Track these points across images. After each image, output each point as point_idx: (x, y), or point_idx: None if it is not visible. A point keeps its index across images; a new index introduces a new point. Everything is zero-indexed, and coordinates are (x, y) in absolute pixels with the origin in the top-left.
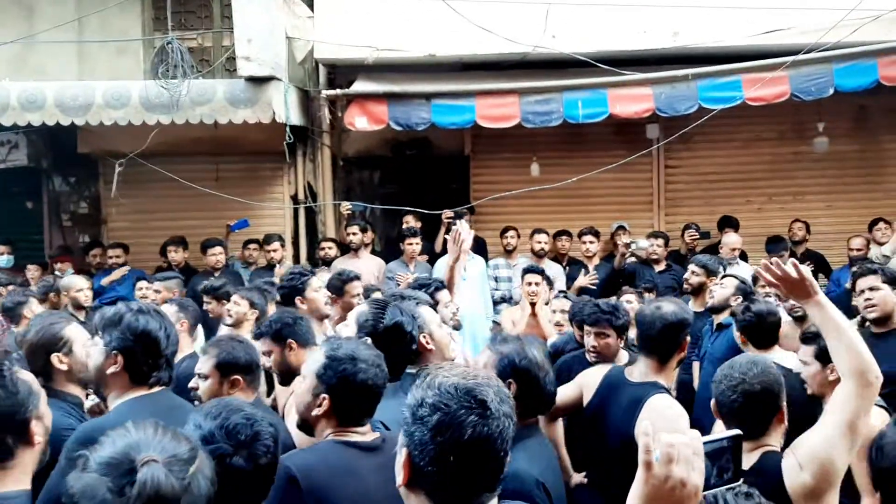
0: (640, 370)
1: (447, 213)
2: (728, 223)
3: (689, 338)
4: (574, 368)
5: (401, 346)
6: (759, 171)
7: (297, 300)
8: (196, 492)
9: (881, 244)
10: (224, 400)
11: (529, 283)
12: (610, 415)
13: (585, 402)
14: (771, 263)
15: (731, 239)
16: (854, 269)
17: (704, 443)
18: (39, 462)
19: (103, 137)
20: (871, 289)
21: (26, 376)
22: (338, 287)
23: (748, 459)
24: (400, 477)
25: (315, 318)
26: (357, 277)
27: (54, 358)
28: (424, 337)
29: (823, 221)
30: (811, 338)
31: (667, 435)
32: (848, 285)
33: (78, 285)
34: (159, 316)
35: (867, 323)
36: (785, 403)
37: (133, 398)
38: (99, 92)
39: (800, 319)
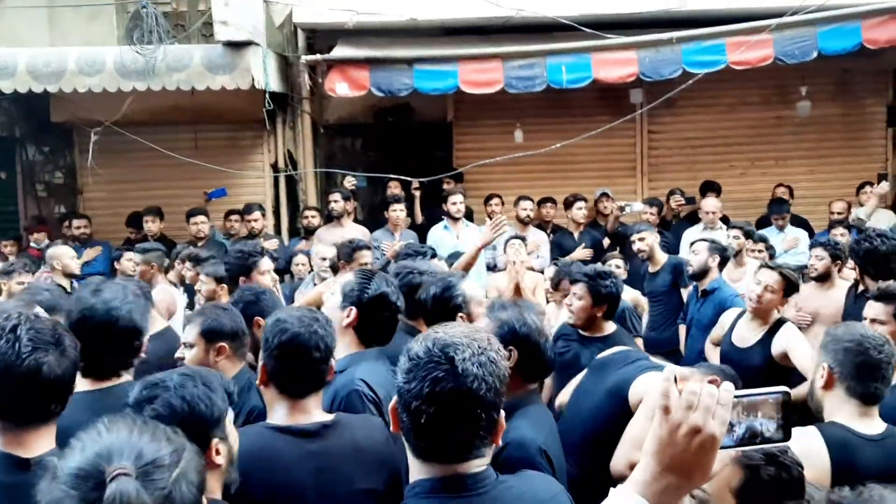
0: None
1: (415, 184)
2: (710, 188)
3: None
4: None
5: (385, 316)
6: (742, 135)
7: (241, 280)
8: (178, 501)
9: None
10: (151, 378)
11: (512, 246)
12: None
13: None
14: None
15: (709, 203)
16: (842, 238)
17: (743, 395)
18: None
19: (77, 105)
20: (873, 320)
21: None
22: (348, 254)
23: (874, 426)
24: (392, 424)
25: None
26: (367, 247)
27: None
28: (461, 316)
29: (805, 186)
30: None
31: (696, 384)
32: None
33: (68, 253)
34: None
35: None
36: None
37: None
38: (72, 58)
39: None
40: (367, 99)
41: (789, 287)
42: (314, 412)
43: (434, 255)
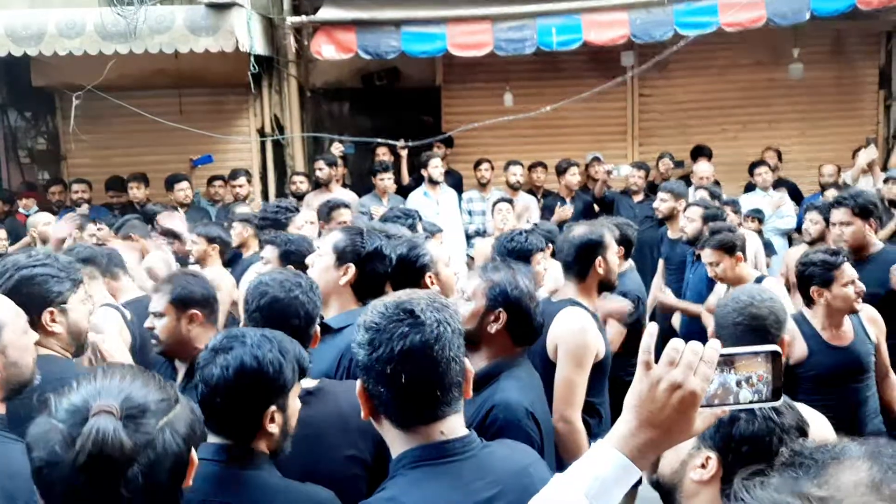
0: (561, 292)
1: (400, 145)
2: (701, 152)
3: (602, 258)
4: None
5: (381, 270)
6: (733, 98)
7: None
8: (160, 448)
9: (865, 171)
10: (236, 330)
11: (500, 211)
12: None
13: None
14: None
15: (701, 168)
16: (827, 196)
17: (730, 353)
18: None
19: (59, 69)
20: (842, 223)
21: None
22: (325, 213)
23: None
24: (363, 411)
25: None
26: (346, 205)
27: None
28: (429, 276)
29: (796, 149)
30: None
31: (679, 340)
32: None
33: (44, 219)
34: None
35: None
36: (787, 336)
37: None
38: (52, 20)
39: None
40: (354, 62)
41: (730, 249)
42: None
43: (414, 224)
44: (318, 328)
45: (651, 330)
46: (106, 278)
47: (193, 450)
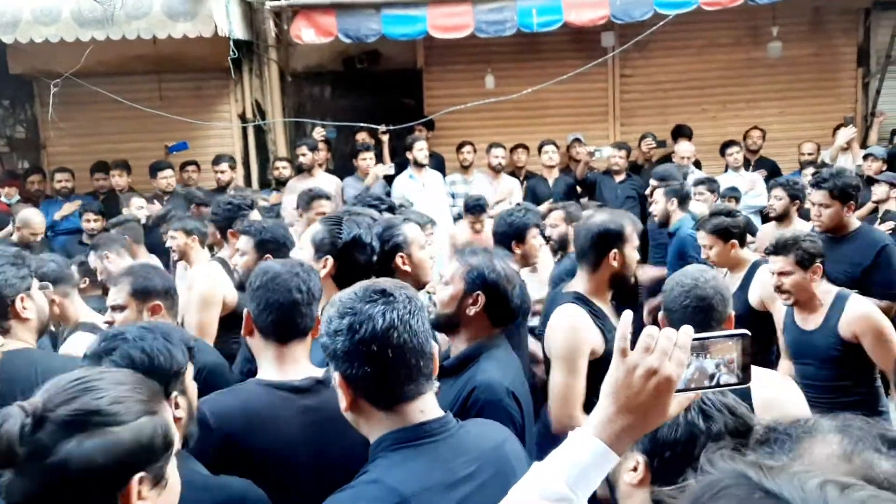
0: (573, 283)
1: (381, 129)
2: (681, 132)
3: (619, 251)
4: None
5: (363, 259)
6: (713, 78)
7: (229, 233)
8: (55, 459)
9: (845, 149)
10: (111, 330)
11: (472, 224)
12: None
13: None
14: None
15: (682, 147)
16: (805, 173)
17: (703, 338)
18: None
19: (36, 56)
20: (821, 205)
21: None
22: (305, 202)
23: None
24: (342, 403)
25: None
26: (327, 197)
27: None
28: (402, 257)
29: (776, 127)
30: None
31: (653, 327)
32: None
33: (35, 227)
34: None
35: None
36: (733, 312)
37: None
38: (27, 7)
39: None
40: (334, 45)
41: (725, 235)
42: (302, 362)
43: (392, 209)
44: (320, 313)
45: (626, 318)
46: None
47: (134, 479)
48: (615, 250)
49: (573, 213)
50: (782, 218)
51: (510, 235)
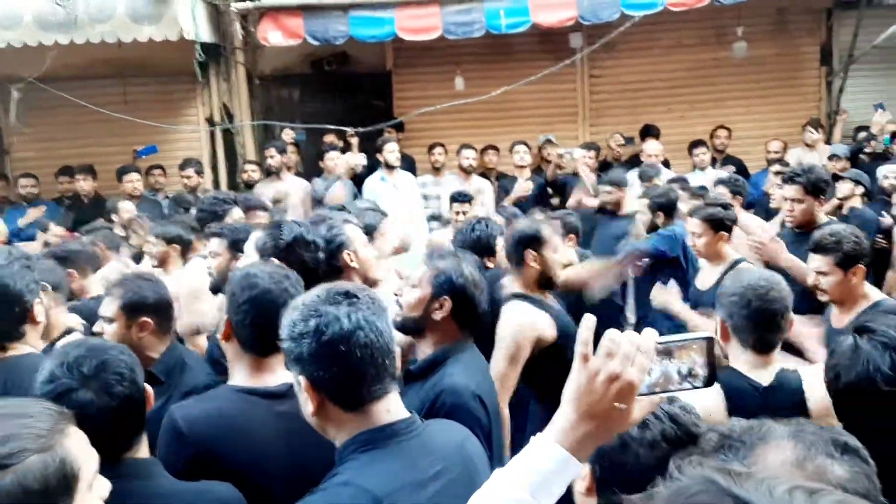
0: (508, 285)
1: (350, 132)
2: (648, 132)
3: (536, 253)
4: None
5: (309, 257)
6: (680, 78)
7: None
8: None
9: (809, 145)
10: (74, 339)
11: (457, 213)
12: None
13: None
14: None
15: (650, 147)
16: (780, 174)
17: (667, 342)
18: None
19: None
20: (794, 200)
21: None
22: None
23: (765, 376)
24: (308, 408)
25: None
26: (264, 208)
27: None
28: (349, 254)
29: (743, 126)
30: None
31: (615, 331)
32: (766, 188)
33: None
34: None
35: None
36: (793, 318)
37: None
38: None
39: None
40: (302, 48)
41: (717, 225)
42: (278, 371)
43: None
44: None
45: (587, 323)
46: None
47: None
48: (533, 252)
49: (660, 201)
50: None
51: (480, 251)
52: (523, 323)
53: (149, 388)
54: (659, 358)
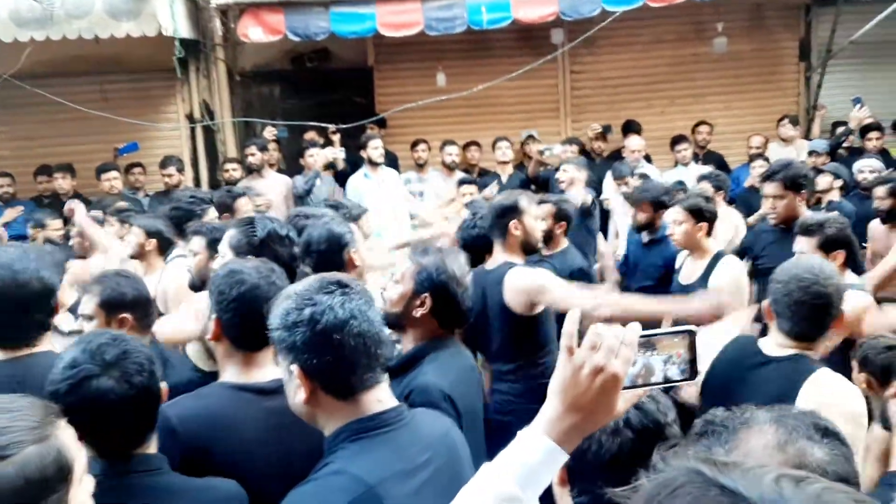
0: (493, 259)
1: (332, 129)
2: (630, 128)
3: (518, 221)
4: None
5: (285, 252)
6: (660, 73)
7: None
8: None
9: (785, 140)
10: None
11: (464, 195)
12: None
13: None
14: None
15: (633, 142)
16: (760, 170)
17: (650, 335)
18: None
19: None
20: (775, 196)
21: None
22: (227, 204)
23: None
24: (300, 396)
25: None
26: (243, 194)
27: None
28: (356, 252)
29: (723, 122)
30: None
31: (600, 324)
32: (747, 184)
33: None
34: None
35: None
36: (844, 311)
37: None
38: None
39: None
40: (283, 44)
41: (697, 215)
42: (268, 367)
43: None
44: None
45: (573, 316)
46: None
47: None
48: (514, 220)
49: (563, 209)
50: None
51: (480, 248)
52: (532, 272)
53: (164, 384)
54: (642, 351)
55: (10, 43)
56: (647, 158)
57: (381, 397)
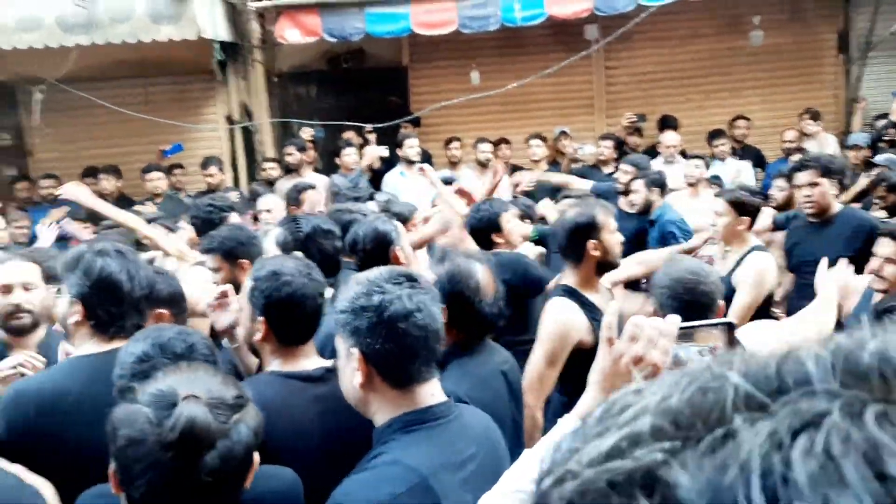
0: (562, 277)
1: (368, 128)
2: (667, 123)
3: (597, 240)
4: None
5: (330, 246)
6: (697, 68)
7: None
8: (236, 438)
9: (807, 135)
10: (155, 325)
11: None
12: None
13: None
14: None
15: (668, 138)
16: (792, 160)
17: (689, 326)
18: None
19: (19, 63)
20: (810, 185)
21: None
22: (293, 197)
23: None
24: (357, 379)
25: None
26: (313, 187)
27: None
28: (400, 249)
29: (759, 115)
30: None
31: (640, 316)
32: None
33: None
34: (122, 256)
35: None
36: (722, 303)
37: (76, 357)
38: (9, 14)
39: None
40: (319, 45)
41: (740, 209)
42: (313, 355)
43: (371, 197)
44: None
45: (612, 308)
46: None
47: (256, 452)
48: (593, 240)
49: (654, 178)
50: (783, 208)
51: (486, 230)
52: (564, 324)
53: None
54: (679, 342)
55: (56, 48)
56: (683, 153)
57: (433, 391)
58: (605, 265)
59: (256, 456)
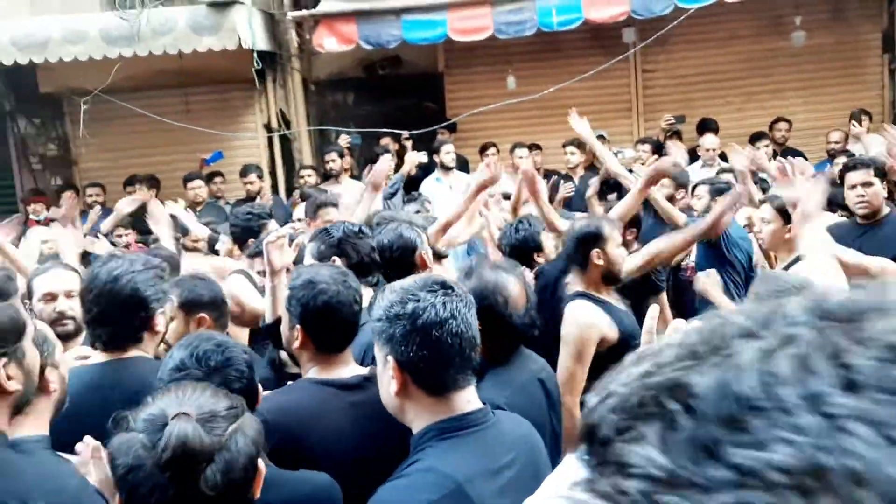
0: (571, 283)
1: (405, 135)
2: (706, 126)
3: (601, 250)
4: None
5: (364, 245)
6: (736, 70)
7: (250, 241)
8: (235, 449)
9: (854, 137)
10: (196, 332)
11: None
12: None
13: None
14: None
15: (708, 141)
16: (845, 161)
17: None
18: (57, 410)
19: (65, 75)
20: (863, 184)
21: (41, 325)
22: (311, 211)
23: None
24: (393, 387)
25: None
26: (333, 204)
27: None
28: (426, 253)
29: (801, 118)
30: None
31: (679, 320)
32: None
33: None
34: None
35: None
36: None
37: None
38: (55, 27)
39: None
40: (356, 53)
41: (786, 216)
42: (350, 363)
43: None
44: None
45: (652, 312)
46: None
47: (261, 459)
48: (597, 249)
49: (720, 186)
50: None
51: (527, 250)
52: (586, 322)
53: (260, 388)
54: None
55: (100, 60)
56: (723, 157)
57: (470, 398)
58: (610, 274)
59: (262, 464)
